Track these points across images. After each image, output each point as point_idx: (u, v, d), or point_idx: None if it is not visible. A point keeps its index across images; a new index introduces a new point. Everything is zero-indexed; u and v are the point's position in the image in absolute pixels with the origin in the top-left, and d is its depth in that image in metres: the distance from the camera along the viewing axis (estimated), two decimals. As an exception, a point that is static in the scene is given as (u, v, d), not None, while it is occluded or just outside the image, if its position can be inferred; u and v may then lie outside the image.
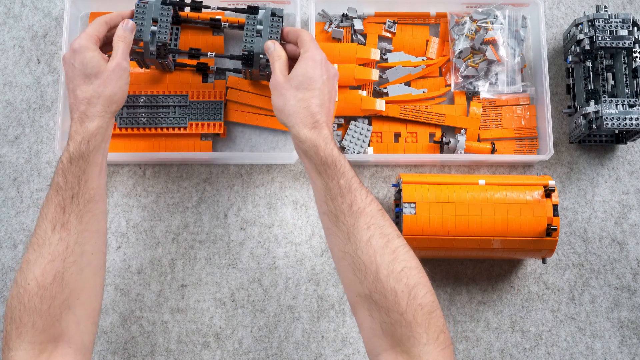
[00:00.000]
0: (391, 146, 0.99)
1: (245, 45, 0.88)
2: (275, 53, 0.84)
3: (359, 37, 1.02)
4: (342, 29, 1.02)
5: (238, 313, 0.94)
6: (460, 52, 0.99)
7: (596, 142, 1.00)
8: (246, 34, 0.88)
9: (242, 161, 0.99)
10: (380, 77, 1.01)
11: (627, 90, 0.94)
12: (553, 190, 0.87)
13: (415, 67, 1.01)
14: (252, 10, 0.89)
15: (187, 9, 0.96)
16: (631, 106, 0.92)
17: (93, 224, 0.76)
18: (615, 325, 0.95)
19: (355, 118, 0.99)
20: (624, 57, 0.96)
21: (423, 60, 1.02)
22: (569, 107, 1.00)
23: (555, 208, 0.87)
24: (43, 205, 0.76)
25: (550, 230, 0.87)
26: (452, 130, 1.01)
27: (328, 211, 0.74)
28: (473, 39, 0.99)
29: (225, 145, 0.99)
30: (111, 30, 0.85)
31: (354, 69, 0.99)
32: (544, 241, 0.87)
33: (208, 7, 0.96)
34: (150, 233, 0.96)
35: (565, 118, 1.02)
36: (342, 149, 0.97)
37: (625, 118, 0.92)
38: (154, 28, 0.88)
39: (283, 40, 0.88)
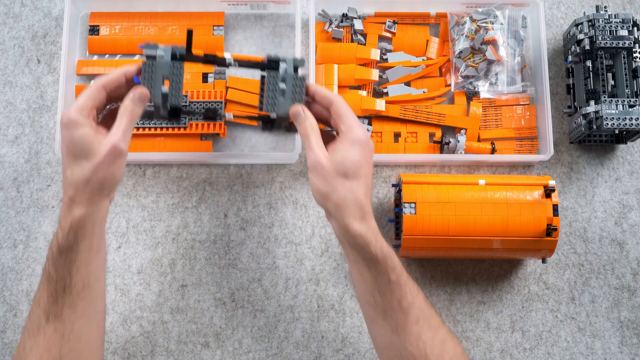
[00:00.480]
0: (391, 146, 0.99)
1: (267, 107, 0.76)
2: (308, 123, 0.74)
3: (359, 37, 1.02)
4: (342, 29, 1.02)
5: (238, 313, 0.94)
6: (460, 52, 0.99)
7: (596, 142, 1.00)
8: (267, 94, 0.77)
9: (242, 161, 0.99)
10: (380, 77, 1.01)
11: (627, 90, 0.94)
12: (553, 190, 0.87)
13: (415, 67, 1.01)
14: (273, 64, 0.77)
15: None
16: (631, 106, 0.92)
17: (89, 308, 0.71)
18: (615, 325, 0.95)
19: (355, 118, 0.99)
20: (624, 57, 0.96)
21: (423, 60, 1.02)
22: (569, 107, 1.00)
23: (555, 208, 0.87)
24: (37, 290, 0.72)
25: (550, 230, 0.87)
26: (452, 130, 1.01)
27: (374, 303, 0.72)
28: (473, 39, 0.99)
29: (225, 145, 0.99)
30: (114, 92, 0.74)
31: (354, 69, 0.99)
32: (544, 241, 0.87)
33: (224, 63, 0.79)
34: (150, 233, 0.96)
35: (565, 118, 1.02)
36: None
37: (625, 118, 0.92)
38: (165, 89, 0.75)
39: (308, 98, 0.79)
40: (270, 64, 0.77)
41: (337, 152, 0.72)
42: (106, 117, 0.76)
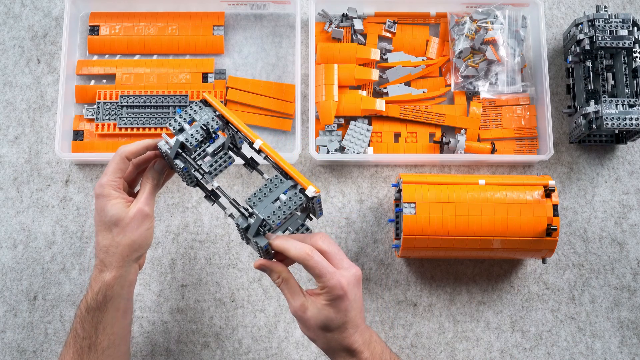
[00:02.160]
0: (391, 146, 0.99)
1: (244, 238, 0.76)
2: (274, 277, 0.74)
3: (359, 37, 1.02)
4: (342, 29, 1.02)
5: (238, 313, 0.94)
6: (460, 52, 0.99)
7: (596, 142, 1.00)
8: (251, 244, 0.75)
9: (242, 161, 0.98)
10: (380, 77, 1.01)
11: (627, 90, 0.94)
12: (553, 190, 0.87)
13: (415, 67, 1.01)
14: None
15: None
16: (631, 106, 0.92)
17: None
18: (615, 325, 0.95)
19: (355, 118, 0.99)
20: (624, 57, 0.96)
21: (423, 60, 1.02)
22: (569, 107, 1.00)
23: (555, 208, 0.87)
24: (63, 347, 0.76)
25: (550, 230, 0.86)
26: (452, 130, 1.01)
27: None
28: (473, 39, 0.99)
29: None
30: (138, 159, 0.78)
31: (354, 69, 0.99)
32: (544, 241, 0.87)
33: (255, 167, 0.78)
34: (150, 233, 0.96)
35: (565, 118, 1.02)
36: (342, 149, 0.97)
37: (625, 118, 0.92)
38: (181, 165, 0.75)
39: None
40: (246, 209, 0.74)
41: (315, 306, 0.72)
42: (132, 180, 0.81)
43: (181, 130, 0.76)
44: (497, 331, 0.94)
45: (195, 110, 0.76)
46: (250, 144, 0.77)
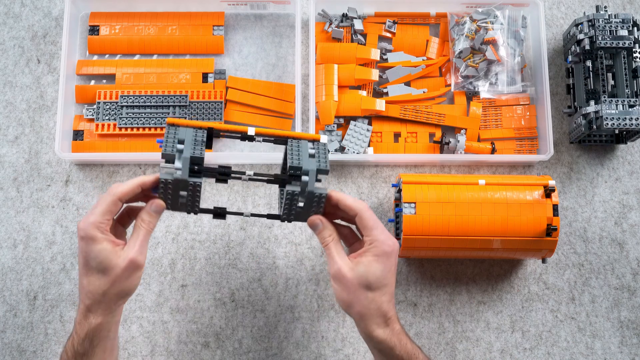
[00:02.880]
0: (391, 146, 0.99)
1: (287, 217, 0.76)
2: (326, 233, 0.75)
3: (359, 37, 1.02)
4: (342, 29, 1.02)
5: (238, 313, 0.94)
6: (460, 52, 0.99)
7: (596, 142, 1.00)
8: (285, 206, 0.75)
9: (242, 161, 0.99)
10: (380, 77, 1.01)
11: (627, 90, 0.94)
12: (553, 190, 0.87)
13: (415, 67, 1.01)
14: (294, 177, 0.74)
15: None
16: (631, 106, 0.92)
17: None
18: (615, 325, 0.95)
19: (355, 118, 0.99)
20: (624, 57, 0.96)
21: (423, 60, 1.02)
22: (569, 107, 1.00)
23: (555, 208, 0.87)
24: None
25: (550, 230, 0.87)
26: (452, 130, 1.01)
27: None
28: (473, 39, 0.99)
29: (225, 145, 0.99)
30: (130, 200, 0.73)
31: (354, 69, 0.99)
32: (544, 241, 0.87)
33: (240, 177, 0.76)
34: (150, 233, 0.96)
35: (565, 118, 1.02)
36: (342, 149, 0.97)
37: (625, 118, 0.92)
38: (183, 199, 0.73)
39: (330, 207, 0.76)
40: (292, 176, 0.74)
41: (360, 264, 0.72)
42: (122, 215, 0.76)
43: (180, 151, 0.71)
44: (497, 331, 0.94)
45: (174, 132, 0.72)
46: (245, 134, 0.75)
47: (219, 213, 0.77)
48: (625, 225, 0.98)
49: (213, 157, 0.97)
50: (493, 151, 0.98)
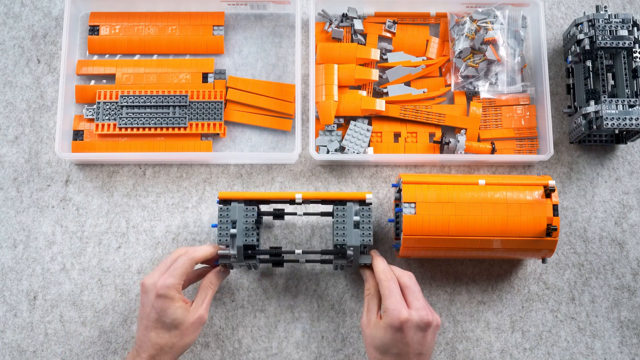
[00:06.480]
0: (391, 146, 0.99)
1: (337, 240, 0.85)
2: (366, 286, 0.85)
3: (359, 37, 1.02)
4: (342, 29, 1.02)
5: (238, 313, 0.94)
6: (460, 52, 0.99)
7: (596, 142, 1.00)
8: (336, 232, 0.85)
9: (242, 161, 0.99)
10: (380, 77, 1.01)
11: (627, 90, 0.94)
12: (553, 190, 0.87)
13: (415, 67, 1.01)
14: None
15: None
16: (631, 106, 0.92)
17: None
18: (615, 325, 0.95)
19: (355, 118, 0.99)
20: (624, 57, 0.96)
21: (423, 60, 1.02)
22: (569, 107, 1.00)
23: (555, 208, 0.87)
24: None
25: (550, 230, 0.86)
26: (452, 130, 1.01)
27: None
28: (473, 39, 0.99)
29: (225, 145, 0.99)
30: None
31: (354, 69, 0.99)
32: (544, 241, 0.87)
33: (292, 260, 0.92)
34: (150, 233, 0.96)
35: (565, 118, 1.02)
36: (342, 149, 0.97)
37: (625, 118, 0.92)
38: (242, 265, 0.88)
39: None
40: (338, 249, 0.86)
41: (375, 326, 0.79)
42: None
43: (233, 236, 0.84)
44: (497, 331, 0.94)
45: (227, 212, 0.85)
46: (292, 201, 0.86)
47: (278, 262, 0.89)
48: (625, 225, 0.98)
49: (213, 157, 0.97)
50: (493, 151, 0.98)
